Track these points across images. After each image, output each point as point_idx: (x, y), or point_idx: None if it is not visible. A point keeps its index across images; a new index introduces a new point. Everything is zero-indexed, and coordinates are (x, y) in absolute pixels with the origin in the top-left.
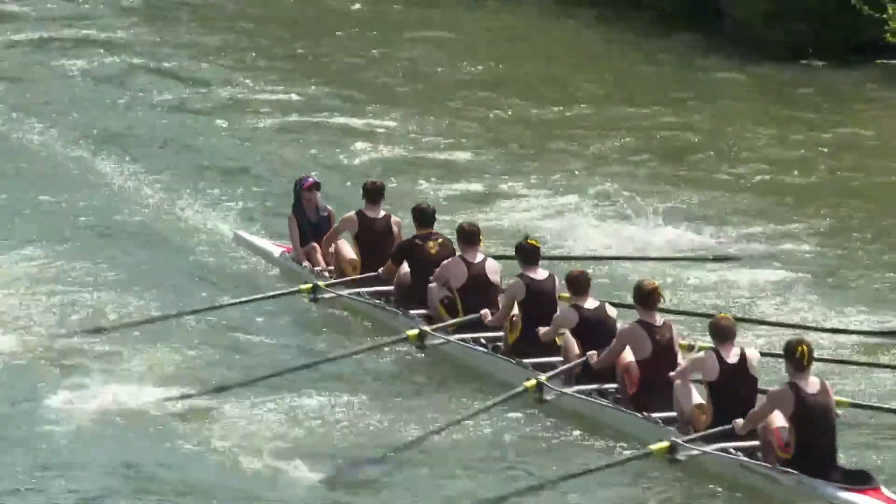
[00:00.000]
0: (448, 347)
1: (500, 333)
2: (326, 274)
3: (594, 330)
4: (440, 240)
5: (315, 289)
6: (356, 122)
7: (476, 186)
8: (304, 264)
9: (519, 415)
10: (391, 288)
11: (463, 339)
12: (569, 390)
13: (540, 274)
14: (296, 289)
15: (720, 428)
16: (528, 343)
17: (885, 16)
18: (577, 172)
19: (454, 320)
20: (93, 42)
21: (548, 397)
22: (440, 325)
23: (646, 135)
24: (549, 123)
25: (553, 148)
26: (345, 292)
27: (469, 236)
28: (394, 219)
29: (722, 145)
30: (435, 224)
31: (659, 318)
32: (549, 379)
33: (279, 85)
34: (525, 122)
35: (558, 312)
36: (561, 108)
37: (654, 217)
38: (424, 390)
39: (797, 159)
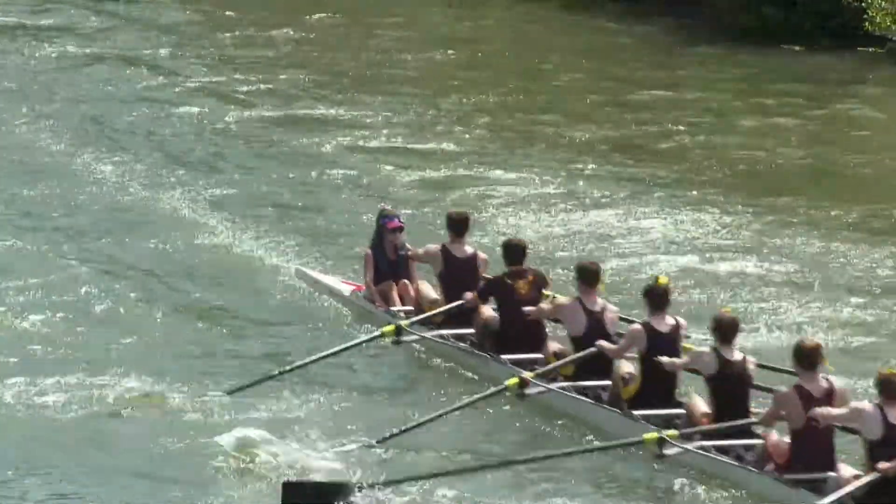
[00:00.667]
0: (551, 398)
1: (608, 382)
2: (403, 314)
3: (734, 384)
4: (531, 277)
5: (399, 330)
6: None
7: (466, 177)
8: (377, 304)
9: (639, 472)
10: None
11: (563, 388)
12: (690, 446)
13: (665, 324)
14: (378, 332)
15: (719, 425)
16: (646, 398)
17: (863, 4)
18: (555, 164)
19: (558, 363)
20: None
21: (668, 451)
22: (542, 371)
23: (619, 124)
24: (527, 115)
25: (533, 140)
26: (429, 334)
27: (589, 277)
28: (480, 255)
29: (698, 132)
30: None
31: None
32: (674, 437)
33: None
34: (502, 113)
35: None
36: (538, 98)
37: (636, 207)
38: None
39: (774, 145)
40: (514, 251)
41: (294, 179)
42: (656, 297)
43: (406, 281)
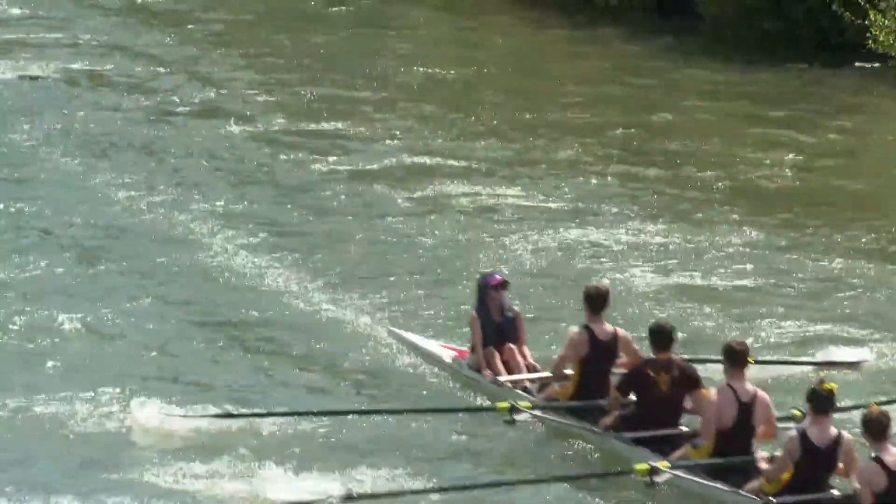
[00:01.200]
0: (687, 485)
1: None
2: (510, 384)
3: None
4: (676, 373)
5: (513, 409)
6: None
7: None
8: (484, 372)
9: None
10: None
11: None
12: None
13: (821, 429)
14: (490, 406)
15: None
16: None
17: (866, 22)
18: (551, 177)
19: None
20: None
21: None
22: (679, 456)
23: (618, 139)
24: (525, 128)
25: (532, 152)
26: (548, 415)
27: (737, 358)
28: (621, 333)
29: (698, 146)
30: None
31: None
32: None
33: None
34: (500, 127)
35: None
36: (537, 112)
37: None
38: None
39: (772, 161)
40: (660, 336)
41: (353, 226)
42: (821, 402)
43: (512, 345)
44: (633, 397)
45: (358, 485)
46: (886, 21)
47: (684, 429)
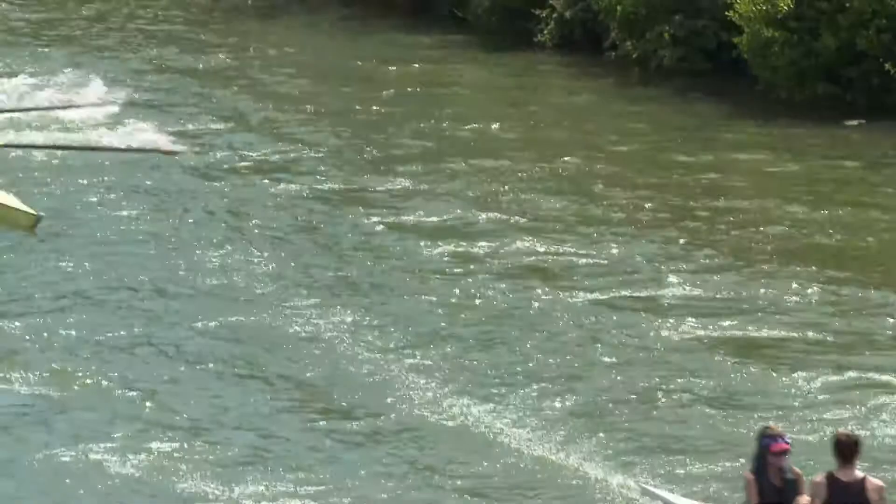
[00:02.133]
0: None
1: None
2: None
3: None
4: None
5: None
6: None
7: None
8: None
9: None
10: None
11: None
12: None
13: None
14: None
15: None
16: None
17: None
18: (608, 234)
19: None
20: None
21: None
22: None
23: (669, 194)
24: (579, 185)
25: (588, 209)
26: None
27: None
28: (872, 482)
29: (751, 206)
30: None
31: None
32: None
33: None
34: (554, 184)
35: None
36: (592, 169)
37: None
38: None
39: (828, 222)
40: (844, 450)
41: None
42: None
43: None
44: None
45: None
46: None
47: None
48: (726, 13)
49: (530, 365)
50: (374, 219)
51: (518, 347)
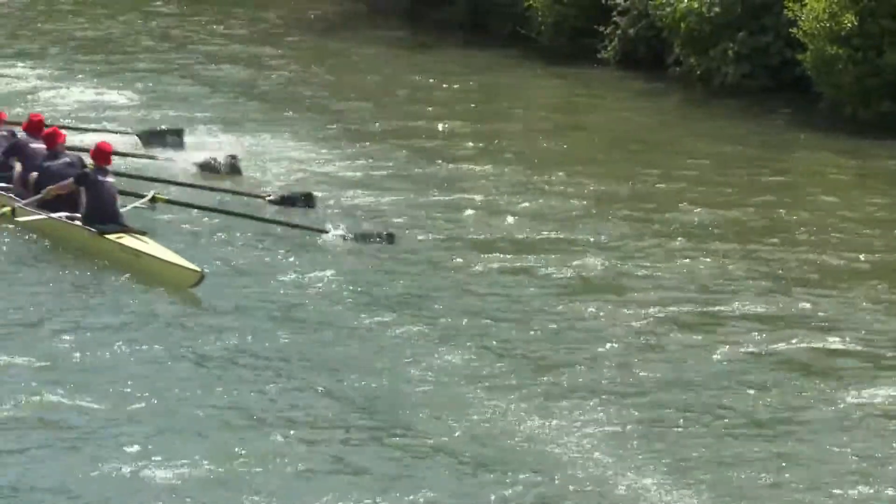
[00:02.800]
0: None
1: None
2: None
3: None
4: None
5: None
6: None
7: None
8: None
9: None
10: None
11: None
12: None
13: None
14: None
15: None
16: None
17: None
18: (674, 246)
19: None
20: None
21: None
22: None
23: (734, 213)
24: (646, 205)
25: (650, 227)
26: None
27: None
28: None
29: (813, 221)
30: None
31: None
32: None
33: None
34: (614, 203)
35: None
36: (657, 187)
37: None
38: None
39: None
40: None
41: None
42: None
43: None
44: None
45: None
46: None
47: None
48: (790, 30)
49: (590, 381)
50: (433, 235)
51: (578, 363)
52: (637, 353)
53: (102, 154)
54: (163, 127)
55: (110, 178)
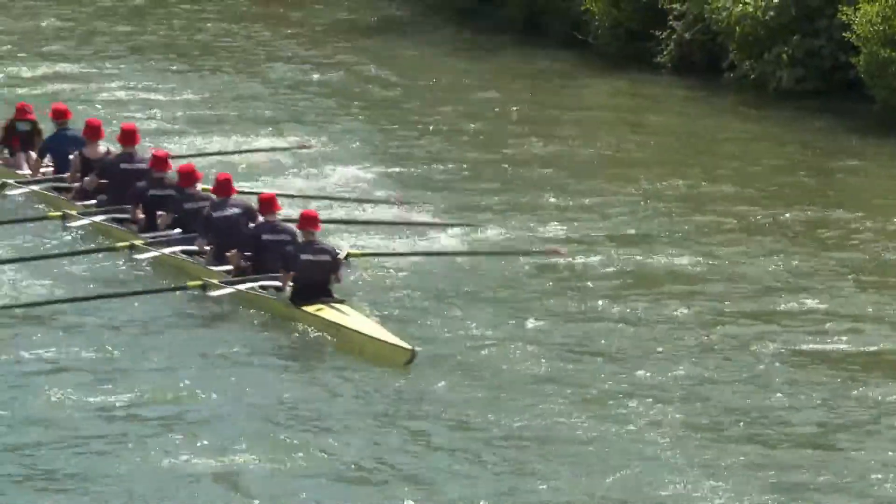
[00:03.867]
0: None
1: None
2: None
3: None
4: None
5: None
6: None
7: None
8: None
9: None
10: None
11: None
12: None
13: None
14: None
15: None
16: None
17: None
18: (733, 251)
19: None
20: None
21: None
22: None
23: (789, 215)
24: (699, 207)
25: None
26: None
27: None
28: None
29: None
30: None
31: None
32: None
33: None
34: (668, 205)
35: None
36: (710, 190)
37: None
38: None
39: None
40: None
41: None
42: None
43: None
44: None
45: None
46: None
47: None
48: (843, 34)
49: (654, 379)
50: (485, 232)
51: (636, 361)
52: (693, 351)
53: (309, 221)
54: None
55: (322, 256)
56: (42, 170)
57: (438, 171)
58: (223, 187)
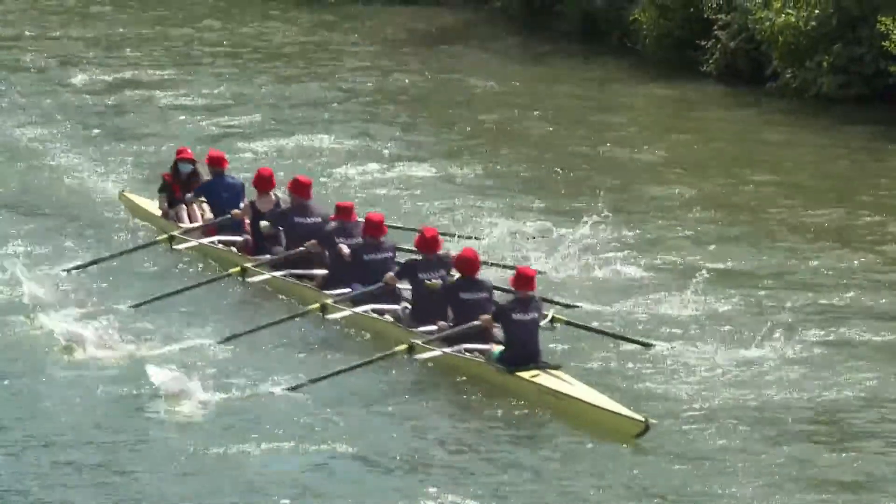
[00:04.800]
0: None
1: None
2: None
3: None
4: None
5: None
6: None
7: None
8: None
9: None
10: None
11: None
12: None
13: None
14: None
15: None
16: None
17: None
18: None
19: None
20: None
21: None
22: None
23: (835, 218)
24: (744, 209)
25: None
26: None
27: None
28: None
29: None
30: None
31: None
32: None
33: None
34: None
35: None
36: (754, 193)
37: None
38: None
39: None
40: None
41: None
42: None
43: None
44: None
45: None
46: None
47: None
48: (882, 43)
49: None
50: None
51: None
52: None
53: (524, 280)
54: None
55: (532, 314)
56: (200, 215)
57: (489, 170)
58: (428, 244)
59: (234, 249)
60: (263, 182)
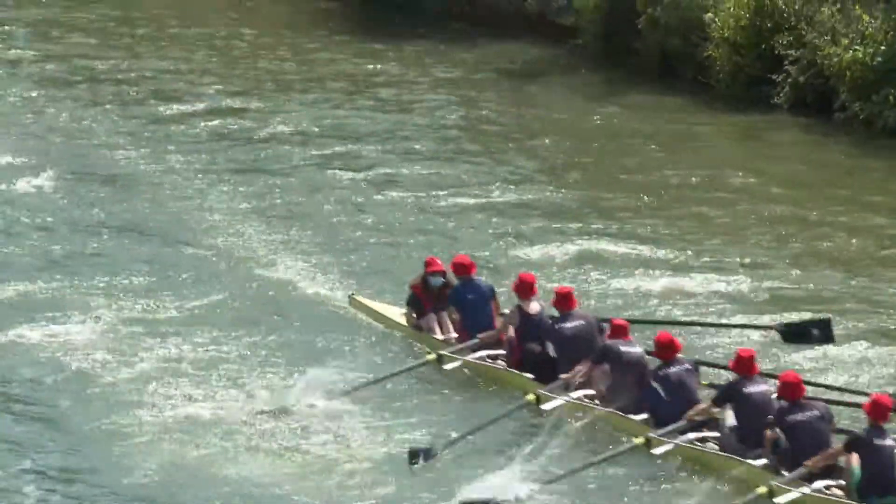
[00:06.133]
0: None
1: None
2: None
3: None
4: None
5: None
6: None
7: None
8: None
9: None
10: None
11: None
12: None
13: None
14: None
15: None
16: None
17: None
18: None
19: None
20: None
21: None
22: None
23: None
24: (805, 235)
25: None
26: None
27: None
28: None
29: None
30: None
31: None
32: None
33: None
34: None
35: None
36: (815, 219)
37: None
38: None
39: None
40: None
41: None
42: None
43: None
44: None
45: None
46: None
47: None
48: None
49: None
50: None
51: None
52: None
53: (881, 409)
54: (807, 317)
55: (889, 441)
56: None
57: (559, 198)
58: (745, 363)
59: (500, 363)
60: (525, 288)
